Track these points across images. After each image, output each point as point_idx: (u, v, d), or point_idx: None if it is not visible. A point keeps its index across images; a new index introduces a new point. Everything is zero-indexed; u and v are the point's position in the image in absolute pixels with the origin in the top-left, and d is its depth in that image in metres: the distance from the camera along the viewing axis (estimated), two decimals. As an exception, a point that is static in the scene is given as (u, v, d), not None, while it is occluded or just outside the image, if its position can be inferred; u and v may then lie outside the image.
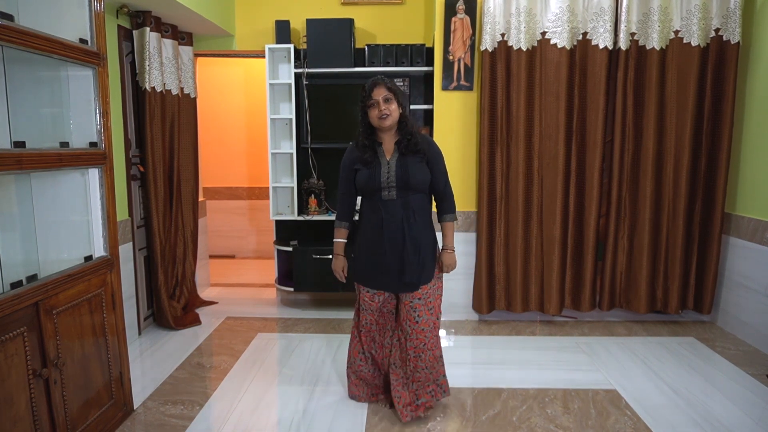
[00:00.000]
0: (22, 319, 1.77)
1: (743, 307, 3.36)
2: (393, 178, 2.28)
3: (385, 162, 2.32)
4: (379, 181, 2.29)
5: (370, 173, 2.30)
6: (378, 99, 2.27)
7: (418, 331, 2.36)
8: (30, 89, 2.07)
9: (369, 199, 2.36)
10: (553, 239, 3.51)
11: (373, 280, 2.37)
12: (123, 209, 3.28)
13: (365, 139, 2.35)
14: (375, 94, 2.27)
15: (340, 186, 2.44)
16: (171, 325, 3.56)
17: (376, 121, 2.30)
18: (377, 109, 2.27)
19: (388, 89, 2.28)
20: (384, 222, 2.30)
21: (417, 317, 2.35)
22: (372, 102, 2.28)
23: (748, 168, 3.38)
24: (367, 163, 2.31)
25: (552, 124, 3.43)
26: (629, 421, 2.42)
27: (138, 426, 2.39)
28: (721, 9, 3.28)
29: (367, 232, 2.37)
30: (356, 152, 2.37)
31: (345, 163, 2.41)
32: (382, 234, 2.30)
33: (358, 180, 2.35)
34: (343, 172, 2.42)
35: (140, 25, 3.28)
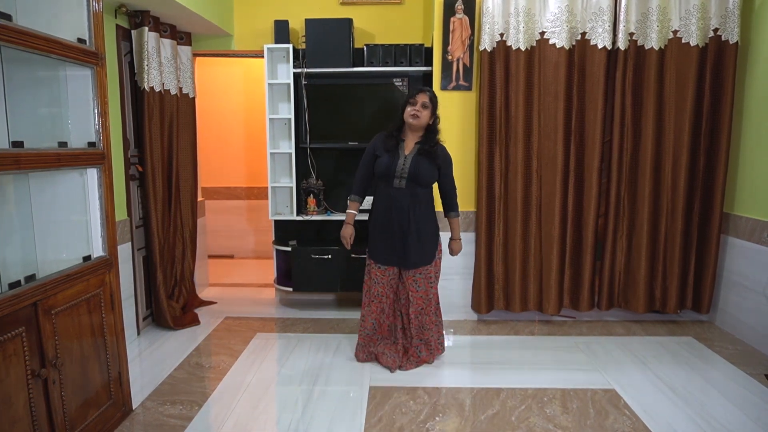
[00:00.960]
0: (20, 320, 1.76)
1: (741, 307, 3.37)
2: (406, 170, 2.76)
3: (403, 155, 2.80)
4: (394, 169, 2.76)
5: (389, 161, 2.78)
6: (418, 100, 2.75)
7: (417, 298, 2.90)
8: (28, 89, 2.07)
9: (383, 184, 2.83)
10: (551, 239, 3.52)
11: (384, 256, 2.86)
12: (121, 209, 3.28)
13: (394, 131, 2.84)
14: (419, 97, 2.75)
15: (360, 166, 2.92)
16: (170, 325, 3.55)
17: (408, 117, 2.76)
18: (413, 108, 2.74)
19: (429, 98, 2.77)
20: (393, 206, 2.79)
21: (417, 287, 2.90)
22: (413, 100, 2.75)
23: (746, 168, 3.38)
24: (388, 152, 2.79)
25: (551, 124, 3.43)
26: (628, 420, 2.42)
27: (137, 426, 2.39)
28: (719, 9, 3.28)
29: (379, 214, 2.85)
30: (383, 141, 2.84)
31: (369, 147, 2.89)
32: (392, 217, 2.79)
33: (377, 164, 2.82)
34: (367, 154, 2.90)
35: (139, 24, 3.28)
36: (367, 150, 2.90)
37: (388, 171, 2.77)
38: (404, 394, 2.67)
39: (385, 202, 2.82)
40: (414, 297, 2.90)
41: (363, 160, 2.91)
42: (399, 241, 2.81)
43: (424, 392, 2.70)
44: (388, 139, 2.83)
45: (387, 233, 2.83)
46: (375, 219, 2.88)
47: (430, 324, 2.98)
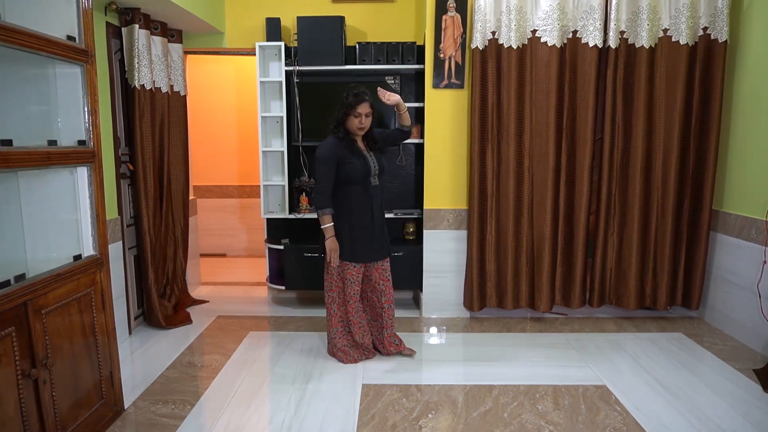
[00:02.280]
0: (10, 319, 1.75)
1: (730, 303, 3.40)
2: (377, 168, 2.86)
3: (367, 155, 2.84)
4: (369, 170, 2.81)
5: (363, 163, 2.79)
6: (361, 113, 2.74)
7: (389, 287, 3.02)
8: (17, 87, 2.05)
9: (358, 186, 2.82)
10: (543, 236, 3.53)
11: (365, 254, 2.89)
12: (112, 208, 3.25)
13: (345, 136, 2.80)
14: (361, 108, 2.73)
15: (323, 178, 2.78)
16: (161, 324, 3.54)
17: (354, 129, 2.78)
18: (358, 121, 2.74)
19: (370, 106, 2.76)
20: (373, 204, 2.86)
21: (387, 275, 3.01)
22: (355, 112, 2.73)
23: (735, 165, 3.42)
24: (356, 156, 2.77)
25: (542, 122, 3.45)
26: (619, 416, 2.44)
27: (128, 426, 2.38)
28: (708, 8, 3.31)
29: (356, 215, 2.84)
30: (341, 148, 2.77)
31: (329, 157, 2.76)
32: (372, 214, 2.86)
33: (350, 170, 2.76)
34: (327, 164, 2.77)
35: (129, 22, 3.25)
36: (327, 160, 2.76)
37: (366, 171, 2.81)
38: (397, 392, 2.67)
39: (364, 202, 2.84)
40: (386, 286, 3.00)
41: (326, 171, 2.76)
42: (379, 235, 2.91)
43: (417, 389, 2.70)
44: (347, 145, 2.80)
45: (367, 231, 2.87)
46: (352, 221, 2.84)
47: (393, 316, 3.09)
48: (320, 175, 2.79)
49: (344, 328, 3.04)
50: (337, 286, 2.97)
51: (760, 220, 3.12)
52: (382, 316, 3.04)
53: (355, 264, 2.91)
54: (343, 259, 2.88)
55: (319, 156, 2.79)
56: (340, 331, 3.04)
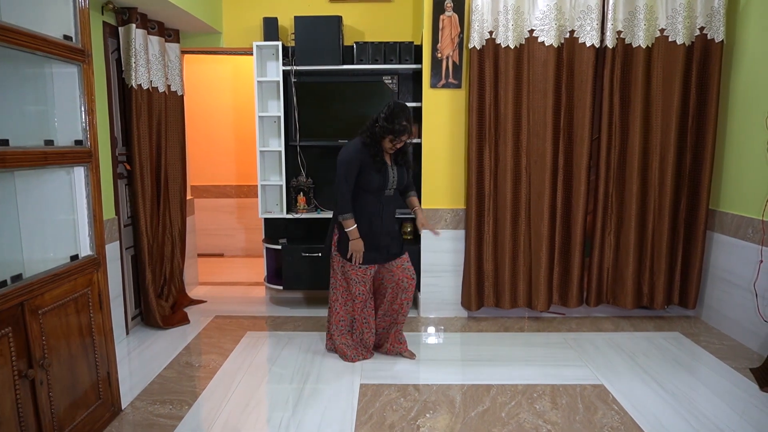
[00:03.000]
0: (6, 320, 1.75)
1: (727, 302, 3.41)
2: (395, 181, 2.91)
3: (390, 168, 2.88)
4: (386, 183, 2.86)
5: (383, 175, 2.84)
6: (402, 140, 2.79)
7: (413, 284, 2.97)
8: (13, 87, 2.04)
9: (373, 195, 2.86)
10: (540, 236, 3.54)
11: (371, 256, 2.89)
12: (109, 208, 3.25)
13: (376, 148, 2.81)
14: (403, 137, 2.77)
15: (345, 181, 2.79)
16: (159, 324, 3.53)
17: (386, 148, 2.82)
18: (393, 145, 2.80)
19: (409, 135, 2.80)
20: (384, 211, 2.91)
21: (411, 273, 2.97)
22: (396, 140, 2.77)
23: (732, 165, 3.43)
24: (379, 168, 2.81)
25: (540, 122, 3.45)
26: (616, 415, 2.45)
27: (126, 426, 2.37)
28: (705, 8, 3.32)
29: (366, 220, 2.86)
30: (365, 155, 2.79)
31: (353, 162, 2.78)
32: (382, 221, 2.90)
33: (370, 179, 2.81)
34: (350, 169, 2.78)
35: (126, 21, 3.25)
36: (351, 165, 2.77)
37: (385, 183, 2.84)
38: (395, 391, 2.67)
39: (375, 209, 2.87)
40: (409, 283, 2.95)
41: (347, 176, 2.78)
42: (386, 238, 2.91)
43: (415, 389, 2.71)
44: (375, 154, 2.79)
45: (374, 236, 2.87)
46: (360, 225, 2.85)
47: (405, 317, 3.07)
48: (341, 177, 2.79)
49: (345, 326, 3.05)
50: (341, 285, 2.99)
51: (757, 220, 3.13)
52: (399, 312, 3.02)
53: (360, 265, 2.89)
54: (346, 260, 2.89)
55: (342, 160, 2.79)
56: (340, 329, 3.05)
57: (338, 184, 2.80)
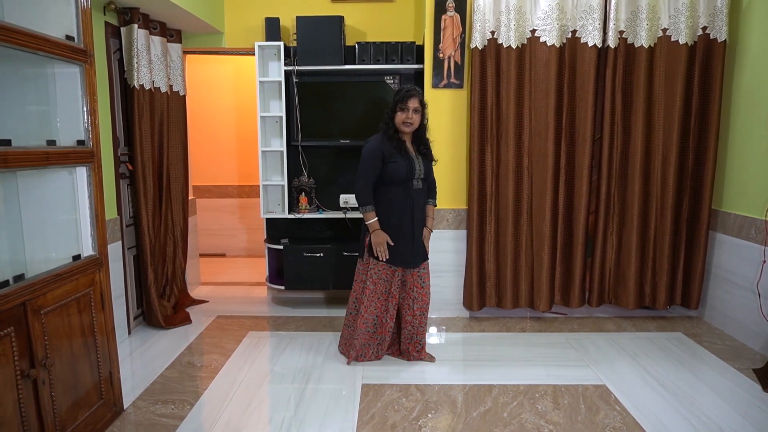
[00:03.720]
0: (9, 320, 1.75)
1: (730, 303, 3.40)
2: (422, 171, 2.80)
3: (414, 157, 2.79)
4: (413, 172, 2.76)
5: (408, 165, 2.74)
6: (409, 106, 2.69)
7: (424, 294, 2.91)
8: (16, 87, 2.05)
9: (400, 187, 2.76)
10: (542, 236, 3.53)
11: (404, 258, 2.81)
12: (111, 208, 3.25)
13: (394, 134, 2.75)
14: (410, 103, 2.69)
15: (365, 173, 2.73)
16: (161, 324, 3.54)
17: (401, 125, 2.73)
18: (405, 114, 2.70)
19: (420, 102, 2.73)
20: (414, 206, 2.80)
21: (423, 283, 2.90)
22: (403, 106, 2.69)
23: (734, 165, 3.42)
24: (402, 156, 2.73)
25: (541, 122, 3.45)
26: (618, 416, 2.44)
27: (128, 426, 2.38)
28: (708, 7, 3.31)
29: (394, 217, 2.78)
30: (387, 145, 2.73)
31: (374, 153, 2.72)
32: (413, 217, 2.79)
33: (394, 169, 2.72)
34: (371, 161, 2.72)
35: (128, 22, 3.25)
36: (372, 157, 2.72)
37: (410, 174, 2.75)
38: (396, 392, 2.67)
39: (404, 204, 2.77)
40: (420, 294, 2.90)
41: (368, 167, 2.72)
42: (416, 240, 2.83)
43: (417, 389, 2.70)
44: (396, 144, 2.74)
45: (406, 234, 2.79)
46: (391, 222, 2.78)
47: (425, 324, 3.00)
48: (362, 170, 2.73)
49: (370, 328, 2.94)
50: (371, 284, 2.85)
51: (759, 220, 3.12)
52: (412, 323, 2.95)
53: (390, 265, 2.83)
54: (377, 260, 2.81)
55: (365, 150, 2.75)
56: (364, 333, 2.94)
57: (360, 174, 2.74)
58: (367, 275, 2.88)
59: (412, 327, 2.97)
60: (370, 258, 2.85)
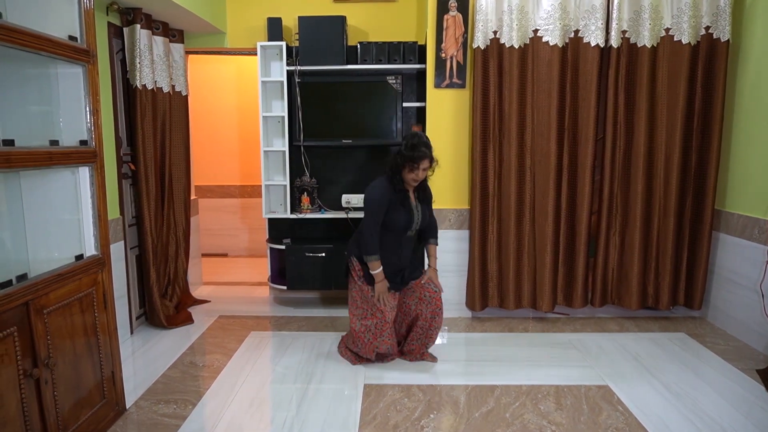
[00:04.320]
0: (12, 319, 1.75)
1: (733, 303, 3.39)
2: (419, 221, 2.86)
3: (414, 207, 2.84)
4: (411, 225, 2.81)
5: (408, 216, 2.80)
6: (420, 167, 2.70)
7: (437, 298, 2.92)
8: (18, 87, 2.05)
9: (393, 234, 2.80)
10: (545, 236, 3.53)
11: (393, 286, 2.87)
12: (114, 208, 3.26)
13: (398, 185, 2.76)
14: (422, 164, 2.69)
15: (373, 222, 2.73)
16: (163, 323, 3.54)
17: (408, 180, 2.75)
18: (415, 173, 2.71)
19: (430, 161, 2.72)
20: (403, 250, 2.85)
21: (433, 287, 2.94)
22: (415, 165, 2.69)
23: (737, 165, 3.41)
24: (405, 208, 2.78)
25: (544, 122, 3.44)
26: (621, 416, 2.44)
27: (130, 425, 2.38)
28: (711, 7, 3.30)
29: (384, 261, 2.79)
30: (393, 195, 2.75)
31: (381, 202, 2.73)
32: (400, 256, 2.85)
33: (393, 219, 2.76)
34: (378, 208, 2.73)
35: (130, 22, 3.25)
36: (380, 207, 2.72)
37: (407, 226, 2.80)
38: (399, 392, 2.67)
39: (393, 248, 2.82)
40: (432, 296, 2.91)
41: (374, 215, 2.73)
42: (403, 269, 2.90)
43: (419, 390, 2.70)
44: (400, 194, 2.77)
45: (393, 270, 2.85)
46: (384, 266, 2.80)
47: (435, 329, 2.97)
48: (370, 218, 2.74)
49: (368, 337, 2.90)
50: (368, 302, 2.87)
51: (763, 220, 3.11)
52: (422, 326, 2.96)
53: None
54: (368, 283, 2.84)
55: (372, 199, 2.74)
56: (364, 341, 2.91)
57: (366, 222, 2.74)
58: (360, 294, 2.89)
59: (422, 330, 2.97)
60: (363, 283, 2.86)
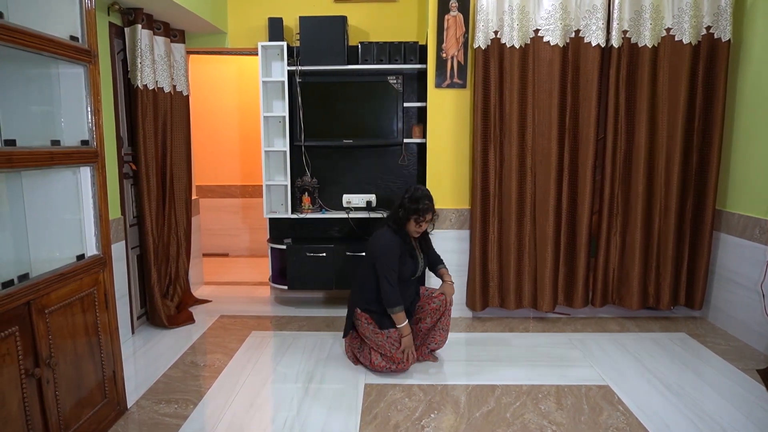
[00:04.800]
0: (13, 319, 1.76)
1: (733, 303, 3.39)
2: (421, 270, 2.96)
3: (418, 255, 2.94)
4: (418, 269, 2.92)
5: (413, 267, 2.89)
6: (426, 219, 2.80)
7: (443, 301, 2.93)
8: (20, 87, 2.06)
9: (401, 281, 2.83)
10: (546, 236, 3.53)
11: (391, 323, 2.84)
12: (115, 208, 3.26)
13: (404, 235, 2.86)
14: (427, 217, 2.80)
15: (392, 273, 2.75)
16: (164, 323, 3.54)
17: (412, 231, 2.84)
18: (419, 226, 2.81)
19: (433, 213, 2.84)
20: (408, 294, 2.91)
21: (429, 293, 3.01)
22: (420, 219, 2.78)
23: (738, 165, 3.41)
24: (412, 258, 2.88)
25: (545, 122, 3.44)
26: (621, 416, 2.44)
27: (131, 425, 2.38)
28: (712, 7, 3.30)
29: None
30: (400, 245, 2.82)
31: (395, 253, 2.79)
32: (406, 300, 2.87)
33: (404, 269, 2.83)
34: (394, 260, 2.78)
35: (131, 22, 3.26)
36: (392, 255, 2.76)
37: (412, 275, 2.89)
38: (399, 391, 2.67)
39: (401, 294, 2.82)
40: (437, 304, 2.93)
41: (391, 267, 2.75)
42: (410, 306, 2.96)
43: (420, 389, 2.70)
44: (407, 243, 2.86)
45: None
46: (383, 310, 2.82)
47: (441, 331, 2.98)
48: (386, 272, 2.74)
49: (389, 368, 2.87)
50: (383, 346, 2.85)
51: (764, 220, 3.11)
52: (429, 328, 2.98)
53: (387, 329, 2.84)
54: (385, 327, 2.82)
55: (387, 252, 2.76)
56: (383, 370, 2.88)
57: (385, 275, 2.73)
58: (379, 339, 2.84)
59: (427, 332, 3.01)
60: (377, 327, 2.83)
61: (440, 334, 2.99)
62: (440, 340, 3.00)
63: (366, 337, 2.89)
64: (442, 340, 3.01)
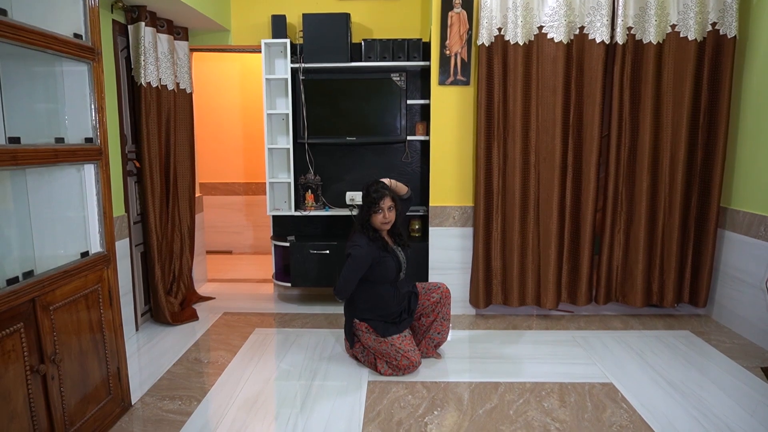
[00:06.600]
0: (18, 316, 1.77)
1: (738, 301, 3.38)
2: (405, 264, 2.89)
3: (396, 250, 2.89)
4: (401, 267, 2.86)
5: (396, 263, 2.83)
6: (384, 207, 2.74)
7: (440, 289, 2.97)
8: (24, 85, 2.06)
9: (388, 284, 2.83)
10: (549, 234, 3.52)
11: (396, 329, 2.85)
12: (119, 205, 3.27)
13: (375, 235, 2.80)
14: (383, 203, 2.74)
15: (353, 276, 2.72)
16: (168, 320, 3.56)
17: (378, 224, 2.79)
18: (382, 215, 2.75)
19: (392, 199, 2.78)
20: (401, 293, 2.88)
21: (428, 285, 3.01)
22: (377, 208, 2.73)
23: (743, 162, 3.39)
24: (390, 255, 2.81)
25: (549, 119, 3.43)
26: (625, 414, 2.43)
27: (136, 421, 2.39)
28: (717, 3, 3.28)
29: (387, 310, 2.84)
30: (374, 248, 2.76)
31: (365, 258, 2.72)
32: (399, 302, 2.87)
33: (383, 270, 2.77)
34: (362, 265, 2.72)
35: (135, 20, 3.26)
36: (363, 260, 2.71)
37: (399, 270, 2.85)
38: (403, 389, 2.68)
39: (392, 297, 2.84)
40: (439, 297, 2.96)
41: (358, 268, 2.71)
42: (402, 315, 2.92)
43: (423, 386, 2.71)
44: (380, 244, 2.80)
45: (395, 320, 2.87)
46: (380, 314, 2.83)
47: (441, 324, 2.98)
48: (352, 273, 2.72)
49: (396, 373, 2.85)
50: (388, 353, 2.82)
51: (769, 217, 3.10)
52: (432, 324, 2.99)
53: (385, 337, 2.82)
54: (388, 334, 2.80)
55: (356, 256, 2.70)
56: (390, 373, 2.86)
57: (347, 277, 2.73)
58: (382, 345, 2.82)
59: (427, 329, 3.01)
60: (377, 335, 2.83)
61: (442, 323, 2.99)
62: (443, 330, 3.00)
63: (369, 346, 2.88)
64: (445, 330, 3.00)
